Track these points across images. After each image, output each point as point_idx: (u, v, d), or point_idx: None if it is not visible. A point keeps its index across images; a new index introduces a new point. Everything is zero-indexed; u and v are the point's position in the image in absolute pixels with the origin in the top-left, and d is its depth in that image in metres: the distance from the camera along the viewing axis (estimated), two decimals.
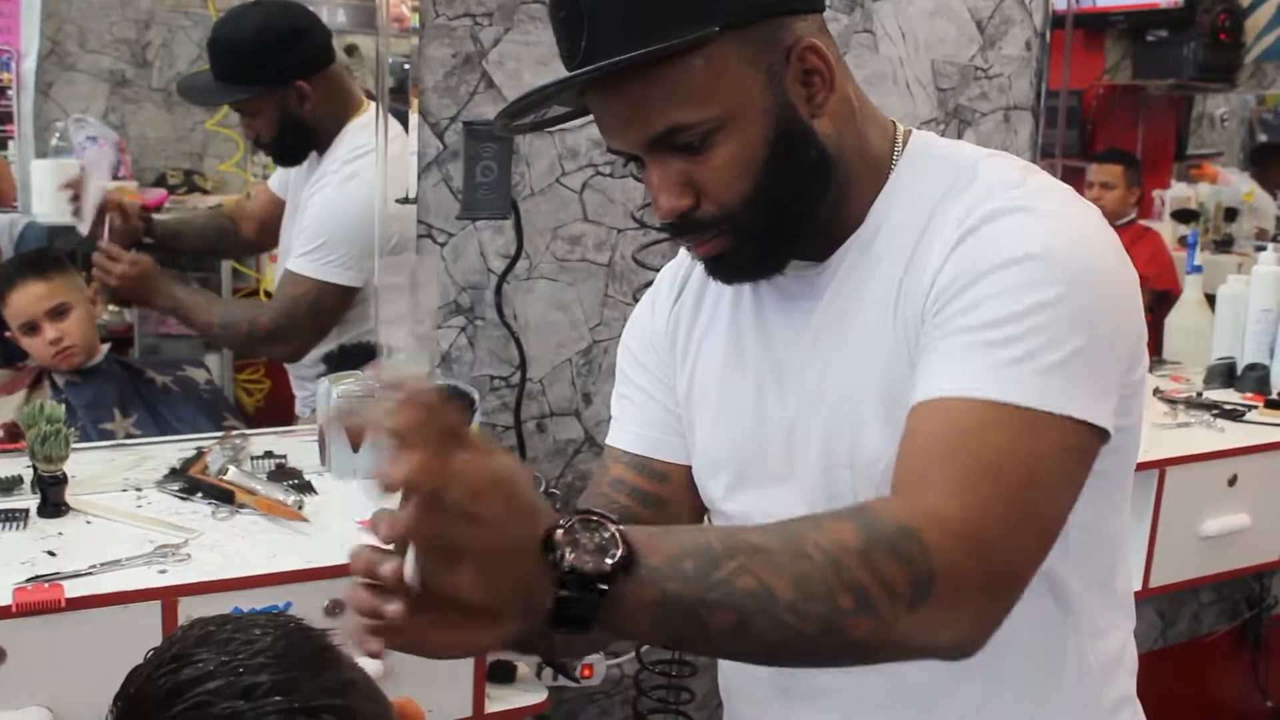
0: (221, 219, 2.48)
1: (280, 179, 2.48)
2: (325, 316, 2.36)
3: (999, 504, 0.99)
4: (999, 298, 1.06)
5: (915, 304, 1.13)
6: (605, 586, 0.89)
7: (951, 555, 0.95)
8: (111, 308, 2.46)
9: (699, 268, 1.30)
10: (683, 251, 1.37)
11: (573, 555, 0.88)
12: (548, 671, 1.96)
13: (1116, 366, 1.09)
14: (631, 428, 1.38)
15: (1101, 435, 1.06)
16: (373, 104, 2.29)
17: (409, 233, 2.34)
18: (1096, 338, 1.06)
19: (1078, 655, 1.23)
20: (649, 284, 2.41)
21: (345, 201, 2.34)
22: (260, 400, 2.60)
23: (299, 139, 2.37)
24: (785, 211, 1.15)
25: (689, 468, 1.36)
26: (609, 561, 0.89)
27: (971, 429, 1.03)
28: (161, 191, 2.48)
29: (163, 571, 1.73)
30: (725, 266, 1.20)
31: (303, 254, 2.35)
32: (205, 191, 2.53)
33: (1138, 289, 1.15)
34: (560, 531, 0.89)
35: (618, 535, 0.90)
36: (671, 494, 1.36)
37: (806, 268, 1.22)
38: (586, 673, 2.23)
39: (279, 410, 2.53)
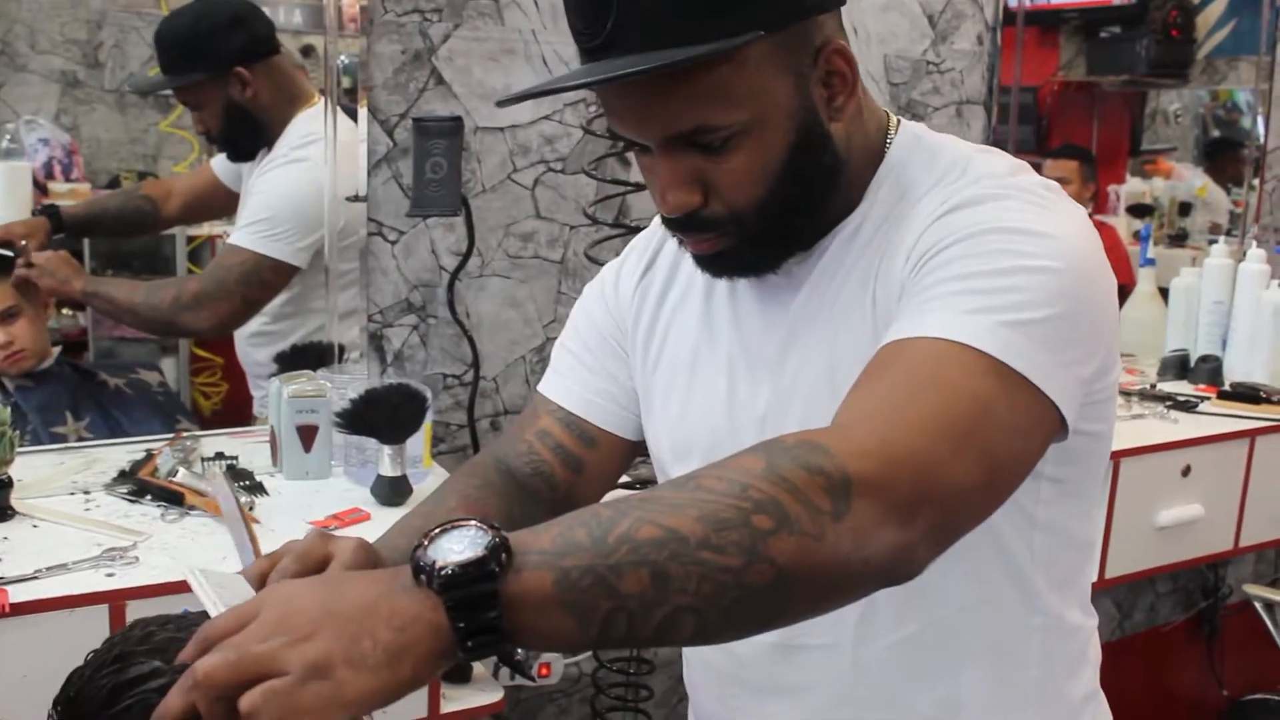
0: (138, 199, 2.44)
1: (227, 167, 2.46)
2: (256, 289, 2.34)
3: (931, 424, 0.92)
4: (980, 257, 1.03)
5: (891, 285, 1.11)
6: (494, 581, 0.80)
7: (865, 459, 0.88)
8: (65, 311, 2.44)
9: (673, 242, 1.28)
10: (652, 229, 1.35)
11: (441, 557, 0.80)
12: (504, 671, 1.95)
13: (1088, 361, 1.05)
14: (572, 385, 1.36)
15: (1058, 420, 1.01)
16: (322, 98, 2.30)
17: (359, 228, 2.34)
18: (1075, 319, 1.03)
19: (1044, 652, 1.22)
20: None
21: (290, 182, 2.33)
22: (217, 403, 2.58)
23: (246, 130, 2.36)
24: (793, 215, 1.13)
25: (619, 439, 1.35)
26: (478, 550, 0.80)
27: (922, 365, 0.98)
28: None
29: (110, 575, 1.70)
30: (721, 264, 1.17)
31: (242, 228, 2.35)
32: None
33: (1116, 296, 1.12)
34: (420, 547, 0.81)
35: (483, 525, 0.82)
36: (595, 461, 1.35)
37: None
38: (544, 671, 2.22)
39: (236, 414, 2.51)
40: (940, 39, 2.97)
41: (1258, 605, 3.07)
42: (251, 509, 1.93)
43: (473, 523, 0.82)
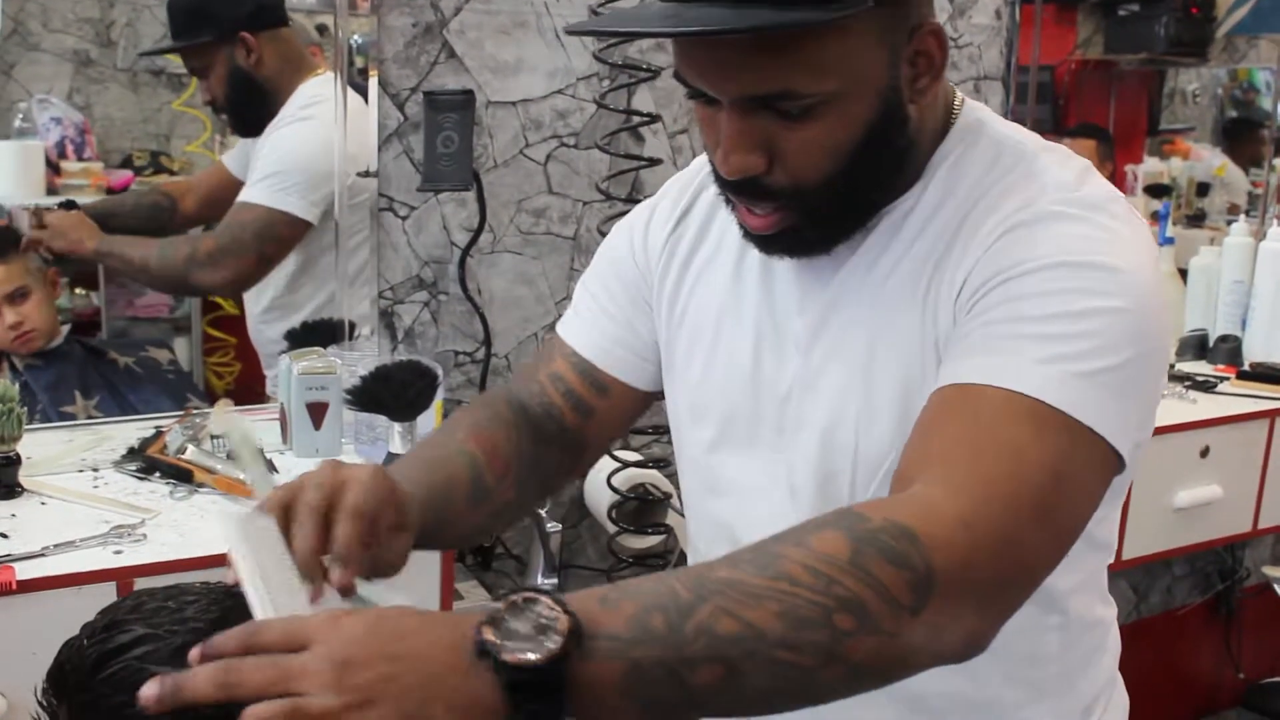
0: (156, 196, 2.44)
1: (236, 158, 2.45)
2: (271, 244, 2.34)
3: (1014, 502, 0.90)
4: (1052, 296, 0.99)
5: (947, 298, 1.06)
6: (560, 683, 0.77)
7: (952, 550, 0.86)
8: (79, 290, 2.43)
9: (709, 192, 1.24)
10: (690, 173, 1.30)
11: (509, 652, 0.76)
12: None
13: (1155, 389, 1.04)
14: (589, 330, 1.33)
15: (1119, 465, 0.99)
16: (328, 74, 2.30)
17: (367, 188, 2.34)
18: (1146, 359, 1.00)
19: (1062, 648, 1.20)
20: None
21: (299, 139, 2.33)
22: (230, 383, 2.58)
23: (251, 98, 2.35)
24: (859, 196, 1.08)
25: (632, 389, 1.32)
26: (550, 646, 0.76)
27: (994, 421, 0.95)
28: (128, 173, 2.44)
29: (118, 552, 1.70)
30: (774, 244, 1.11)
31: (254, 184, 2.34)
32: (172, 173, 2.49)
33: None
34: (488, 628, 0.77)
35: (555, 607, 0.78)
36: (606, 409, 1.33)
37: None
38: None
39: (250, 394, 2.51)
40: (959, 13, 2.94)
41: (1276, 587, 3.04)
42: None
43: (544, 601, 0.79)
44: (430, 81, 2.33)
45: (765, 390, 1.19)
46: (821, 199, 1.05)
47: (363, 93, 2.30)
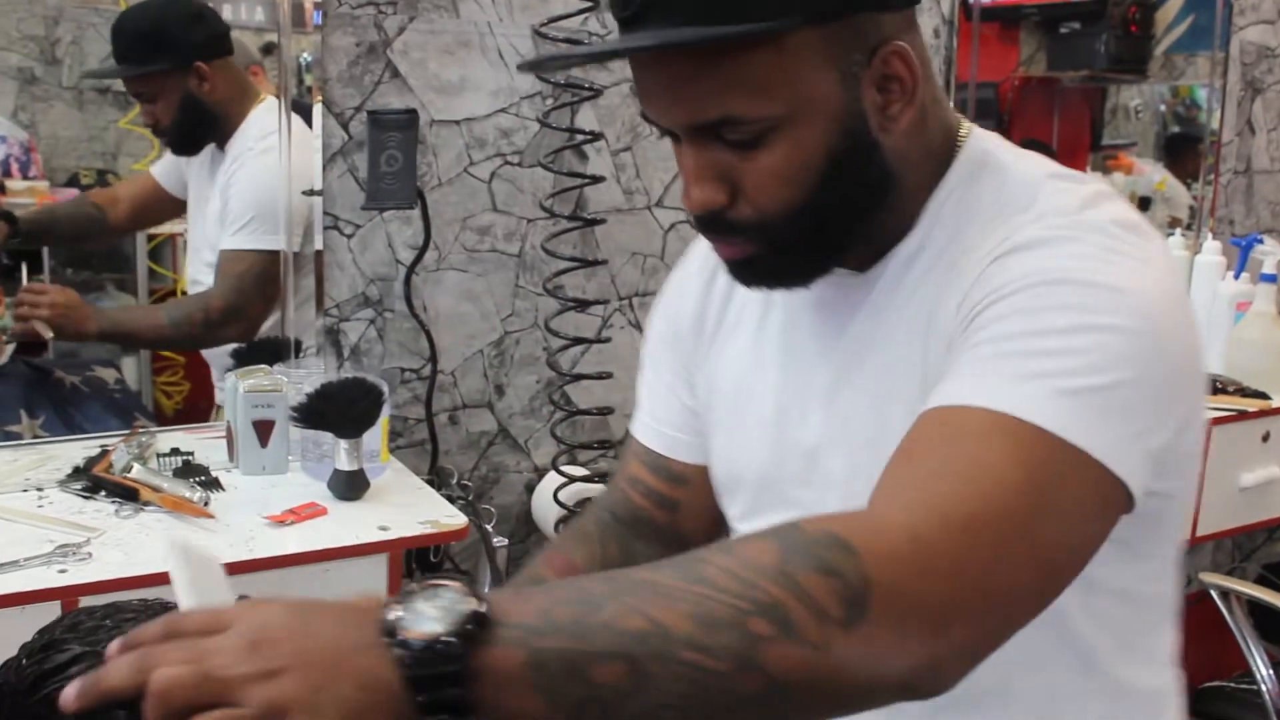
0: (87, 206, 2.45)
1: (167, 171, 2.46)
2: (271, 285, 2.37)
3: (973, 522, 0.82)
4: (1037, 313, 0.92)
5: (942, 334, 1.01)
6: (459, 659, 0.74)
7: (893, 564, 0.79)
8: None
9: None
10: None
11: (409, 628, 0.74)
12: None
13: (1161, 429, 0.93)
14: (651, 422, 1.30)
15: (1126, 497, 0.90)
16: (271, 97, 2.33)
17: (317, 223, 2.36)
18: (1146, 383, 0.91)
19: (1104, 715, 1.11)
20: (561, 272, 2.45)
21: (267, 176, 2.34)
22: (179, 402, 2.57)
23: (200, 124, 2.36)
24: (828, 228, 1.03)
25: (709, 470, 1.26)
26: (450, 624, 0.74)
27: (964, 440, 0.88)
28: (74, 192, 2.44)
29: (63, 571, 1.69)
30: (747, 272, 1.08)
31: (237, 231, 2.36)
32: None
33: (1200, 344, 0.99)
34: (395, 606, 0.76)
35: (464, 591, 0.76)
36: (690, 498, 1.29)
37: (846, 276, 1.09)
38: None
39: (198, 413, 2.51)
40: None
41: (1214, 594, 3.08)
42: (206, 504, 1.92)
43: (453, 586, 0.77)
44: (374, 101, 2.35)
45: (790, 446, 1.15)
46: (788, 233, 1.01)
47: (307, 112, 2.31)
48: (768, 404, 1.16)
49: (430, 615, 0.75)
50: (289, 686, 0.73)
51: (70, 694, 0.75)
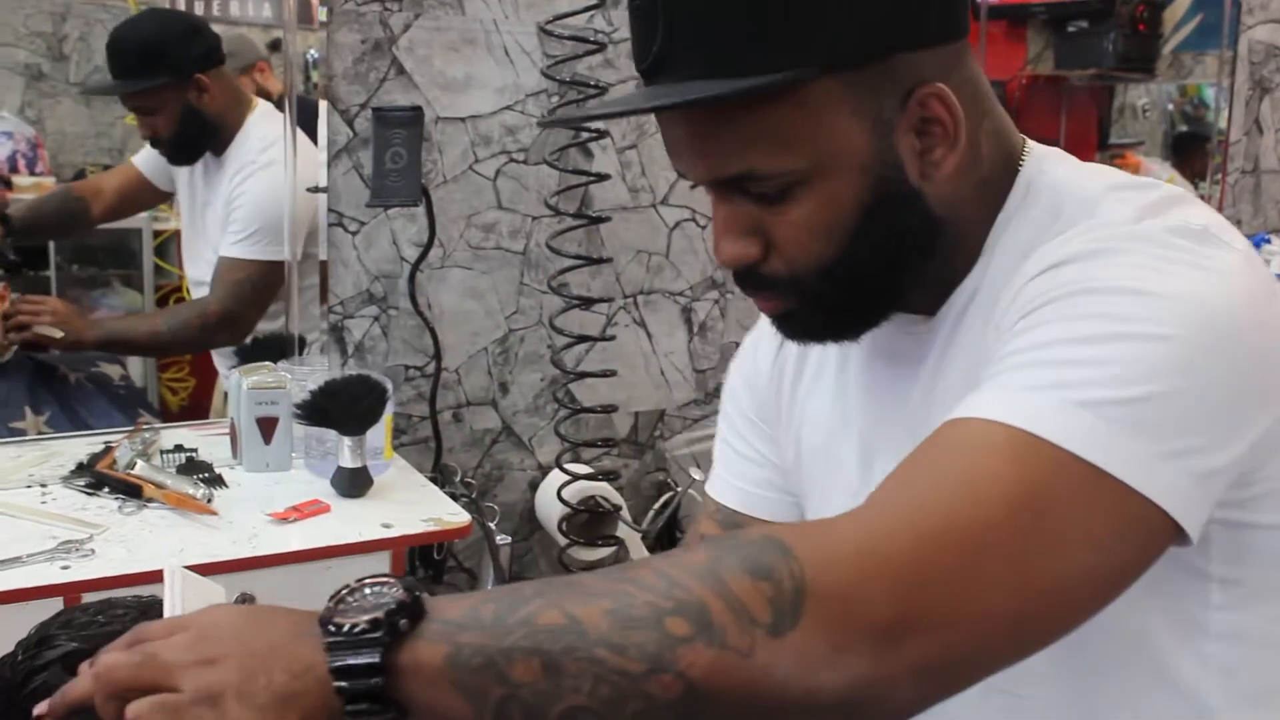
0: (71, 200, 2.47)
1: (151, 162, 2.47)
2: (266, 293, 2.41)
3: (942, 536, 0.75)
4: (1065, 322, 0.83)
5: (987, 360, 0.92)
6: (380, 647, 0.74)
7: (834, 571, 0.74)
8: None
9: None
10: None
11: (339, 616, 0.76)
12: None
13: (1218, 448, 0.81)
14: (727, 477, 1.24)
15: (1169, 525, 0.79)
16: (263, 102, 2.40)
17: (321, 221, 2.38)
18: (1191, 396, 0.80)
19: None
20: (565, 270, 2.45)
21: (271, 188, 2.37)
22: (185, 399, 2.58)
23: (199, 135, 2.39)
24: (867, 283, 0.96)
25: None
26: (377, 616, 0.75)
27: (958, 451, 0.80)
28: None
29: (65, 568, 1.70)
30: (790, 327, 1.02)
31: (239, 241, 2.40)
32: None
33: None
34: (332, 600, 0.78)
35: (399, 587, 0.77)
36: None
37: (916, 322, 1.02)
38: None
39: (204, 410, 2.52)
40: None
41: None
42: (209, 501, 1.92)
43: (392, 581, 0.78)
44: (379, 98, 2.35)
45: None
46: (824, 289, 0.95)
47: (311, 109, 2.33)
48: (852, 466, 1.09)
49: (365, 607, 0.76)
50: (223, 673, 0.75)
51: (40, 710, 0.79)
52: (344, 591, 0.78)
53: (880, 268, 0.95)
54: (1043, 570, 0.76)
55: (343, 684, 0.75)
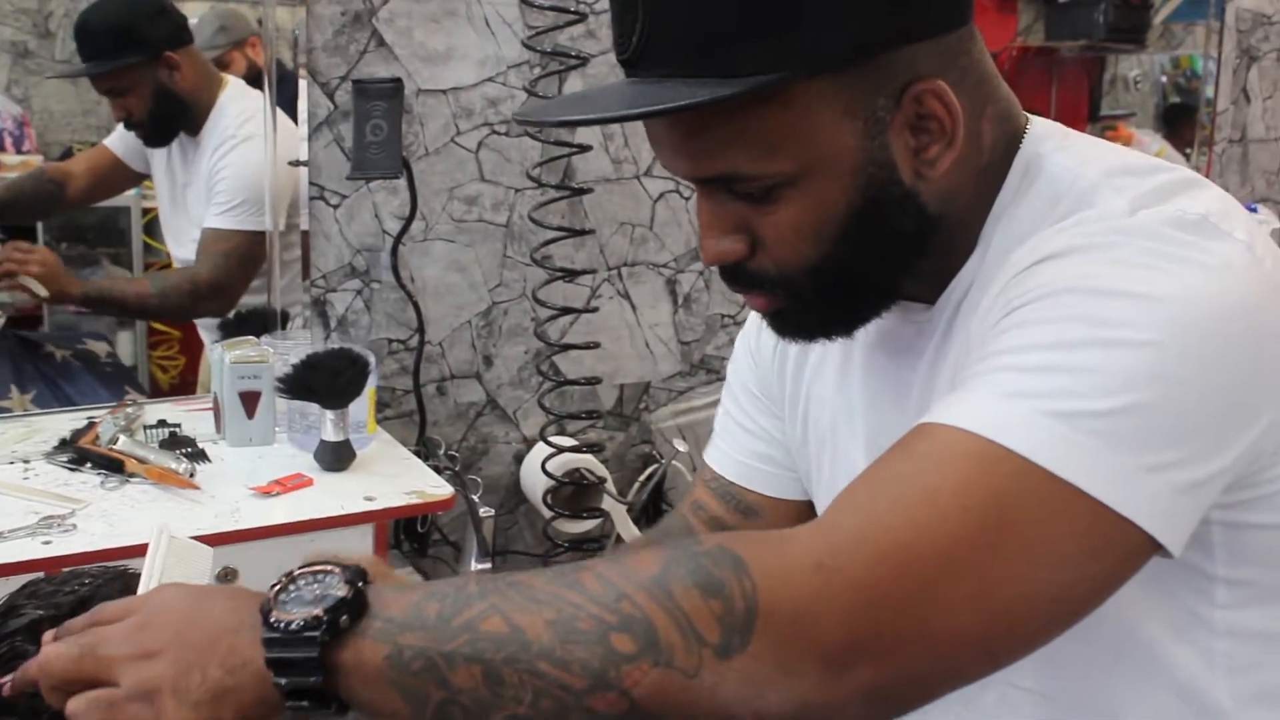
0: (44, 181, 2.46)
1: (124, 143, 2.46)
2: (253, 265, 2.42)
3: (901, 554, 0.73)
4: (1046, 325, 0.80)
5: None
6: (319, 645, 0.74)
7: (787, 590, 0.71)
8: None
9: None
10: None
11: (281, 609, 0.75)
12: None
13: (1203, 460, 0.77)
14: (726, 448, 1.22)
15: (1144, 540, 0.75)
16: (235, 79, 2.42)
17: (302, 194, 2.38)
18: (1173, 406, 0.76)
19: None
20: (548, 242, 2.44)
21: (253, 161, 2.38)
22: (174, 377, 2.58)
23: (173, 114, 2.40)
24: (859, 283, 0.93)
25: (788, 504, 1.18)
26: (315, 611, 0.74)
27: (922, 461, 0.77)
28: None
29: (47, 543, 1.70)
30: (780, 324, 0.99)
31: (224, 212, 2.41)
32: None
33: None
34: (275, 588, 0.77)
35: (344, 576, 0.76)
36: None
37: (917, 310, 0.99)
38: None
39: (194, 388, 2.52)
40: None
41: None
42: (192, 476, 1.92)
43: (335, 570, 0.77)
44: (360, 70, 2.34)
45: None
46: (811, 287, 0.92)
47: (291, 83, 2.32)
48: (857, 454, 1.06)
49: (305, 599, 0.76)
50: (160, 668, 0.76)
51: (4, 685, 0.82)
52: (286, 579, 0.78)
53: (872, 268, 0.92)
54: (1006, 590, 0.73)
55: (280, 680, 0.75)
